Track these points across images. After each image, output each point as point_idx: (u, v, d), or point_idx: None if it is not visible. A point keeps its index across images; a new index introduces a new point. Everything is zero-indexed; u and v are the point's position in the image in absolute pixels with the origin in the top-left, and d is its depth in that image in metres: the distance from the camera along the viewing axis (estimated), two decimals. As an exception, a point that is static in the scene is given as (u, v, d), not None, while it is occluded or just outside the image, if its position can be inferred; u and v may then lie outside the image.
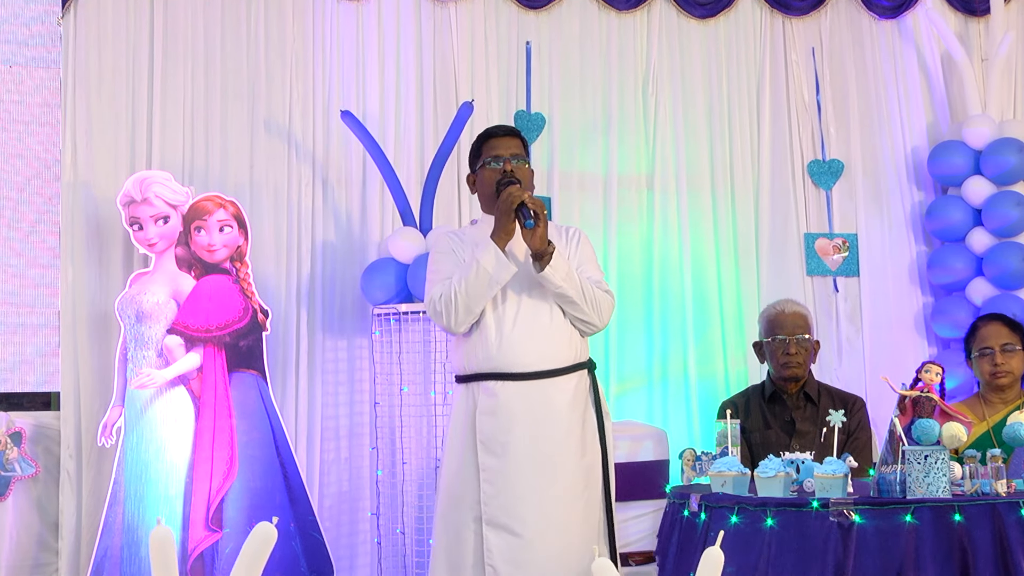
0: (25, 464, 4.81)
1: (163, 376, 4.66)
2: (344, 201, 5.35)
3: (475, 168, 3.88)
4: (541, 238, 3.62)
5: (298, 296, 5.23)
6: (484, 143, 3.86)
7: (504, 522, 3.62)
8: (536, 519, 3.61)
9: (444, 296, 3.69)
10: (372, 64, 5.43)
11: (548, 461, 3.65)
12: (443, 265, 3.81)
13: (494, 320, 3.71)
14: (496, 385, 3.69)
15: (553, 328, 3.73)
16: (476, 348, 3.73)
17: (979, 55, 5.88)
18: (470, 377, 3.76)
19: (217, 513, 4.61)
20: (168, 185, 4.78)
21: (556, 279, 3.65)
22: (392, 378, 5.01)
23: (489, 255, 3.63)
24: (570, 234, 3.89)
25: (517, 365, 3.68)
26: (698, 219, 5.71)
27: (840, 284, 5.80)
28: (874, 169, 5.88)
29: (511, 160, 3.78)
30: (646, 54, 5.74)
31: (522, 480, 3.63)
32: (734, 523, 3.42)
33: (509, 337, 3.69)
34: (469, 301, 3.65)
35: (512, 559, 3.60)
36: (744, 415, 4.57)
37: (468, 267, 3.67)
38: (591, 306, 3.73)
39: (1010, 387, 4.40)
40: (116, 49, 5.12)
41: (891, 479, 3.37)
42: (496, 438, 3.67)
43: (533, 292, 3.72)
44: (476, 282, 3.64)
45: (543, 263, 3.63)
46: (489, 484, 3.65)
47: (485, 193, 3.82)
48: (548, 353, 3.70)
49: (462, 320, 3.69)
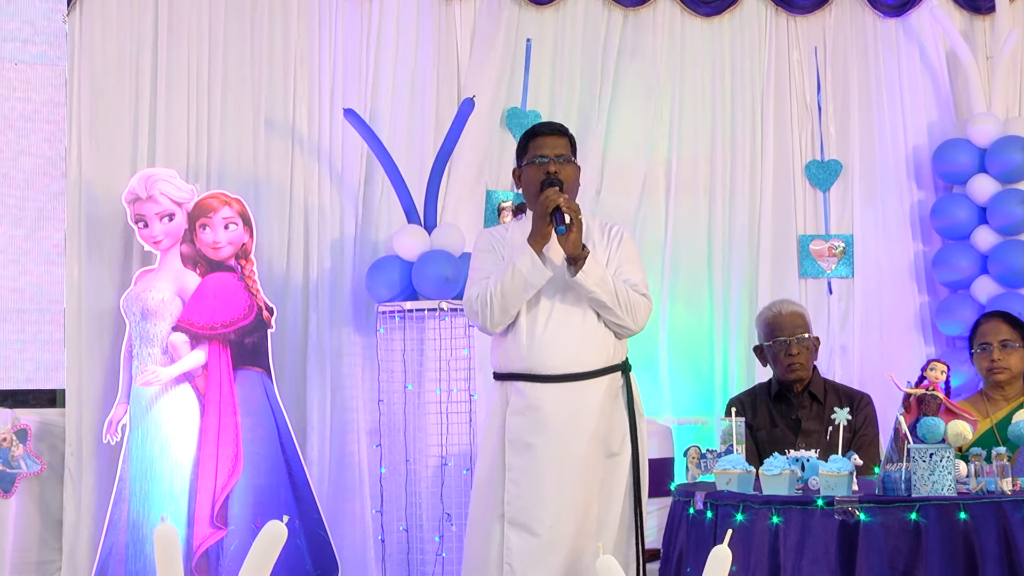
0: (31, 461, 4.82)
1: (168, 373, 4.66)
2: (349, 198, 5.36)
3: (521, 164, 3.87)
4: (574, 243, 3.64)
5: (303, 293, 5.23)
6: (531, 140, 3.85)
7: (524, 522, 3.64)
8: (556, 521, 3.63)
9: (481, 297, 3.71)
10: (376, 61, 5.43)
11: (573, 463, 3.66)
12: (482, 264, 3.83)
13: (527, 321, 3.73)
14: (527, 386, 3.71)
15: (585, 330, 3.73)
16: (510, 348, 3.75)
17: (984, 53, 5.87)
18: (505, 376, 3.79)
19: (222, 510, 4.62)
20: (173, 182, 4.78)
21: (589, 284, 3.66)
22: (396, 376, 5.02)
23: (525, 259, 3.65)
24: (612, 233, 3.89)
25: (547, 367, 3.69)
26: (697, 219, 5.71)
27: (834, 286, 5.80)
28: (873, 169, 5.86)
29: (555, 160, 3.78)
30: (650, 51, 5.74)
31: (545, 481, 3.64)
32: (739, 521, 3.42)
33: (540, 339, 3.70)
34: (505, 303, 3.67)
35: (530, 559, 3.61)
36: (751, 413, 4.57)
37: (504, 269, 3.68)
38: (625, 310, 3.73)
39: (1010, 384, 4.41)
40: (121, 46, 5.12)
41: (896, 477, 3.37)
42: (523, 438, 3.68)
43: (567, 294, 3.72)
44: (512, 285, 3.65)
45: (576, 268, 3.65)
46: (513, 483, 3.67)
47: (529, 191, 3.82)
48: (579, 355, 3.71)
49: (498, 321, 3.72)
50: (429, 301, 4.95)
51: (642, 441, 3.82)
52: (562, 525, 3.62)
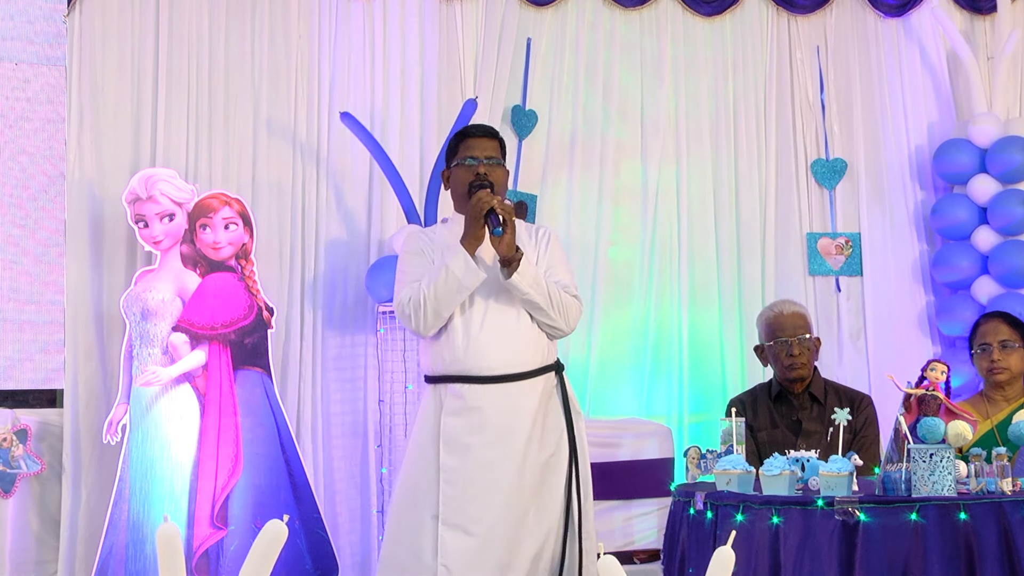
0: (31, 461, 4.82)
1: (168, 373, 4.66)
2: (349, 199, 5.36)
3: (450, 165, 3.85)
4: (508, 245, 3.60)
5: (303, 294, 5.23)
6: (461, 142, 3.83)
7: (460, 522, 3.60)
8: (492, 521, 3.59)
9: (413, 300, 3.66)
10: (377, 61, 5.43)
11: (509, 464, 3.63)
12: (412, 267, 3.78)
13: (461, 323, 3.69)
14: (463, 387, 3.67)
15: (520, 332, 3.70)
16: (443, 350, 3.70)
17: (985, 53, 5.87)
18: (438, 378, 3.74)
19: (222, 510, 4.62)
20: (173, 183, 4.78)
21: (523, 286, 3.63)
22: (396, 376, 5.02)
23: (459, 261, 3.61)
24: (540, 235, 3.86)
25: (483, 368, 3.66)
26: (700, 219, 5.71)
27: (842, 284, 5.80)
28: (877, 168, 5.88)
29: (485, 162, 3.75)
30: (652, 51, 5.74)
31: (481, 482, 3.61)
32: (739, 521, 3.41)
33: (476, 340, 3.66)
34: (438, 305, 3.63)
35: (466, 560, 3.57)
36: (751, 414, 4.56)
37: (437, 272, 3.64)
38: (558, 312, 3.71)
39: (1009, 384, 4.40)
40: (121, 46, 5.12)
41: (896, 477, 3.37)
42: (459, 439, 3.64)
43: (501, 296, 3.69)
44: (445, 287, 3.61)
45: (511, 270, 3.61)
46: (448, 484, 3.63)
47: (457, 192, 3.80)
48: (514, 357, 3.68)
49: (431, 324, 3.67)
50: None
51: (580, 439, 3.78)
52: (499, 526, 3.60)
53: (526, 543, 3.62)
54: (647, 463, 4.94)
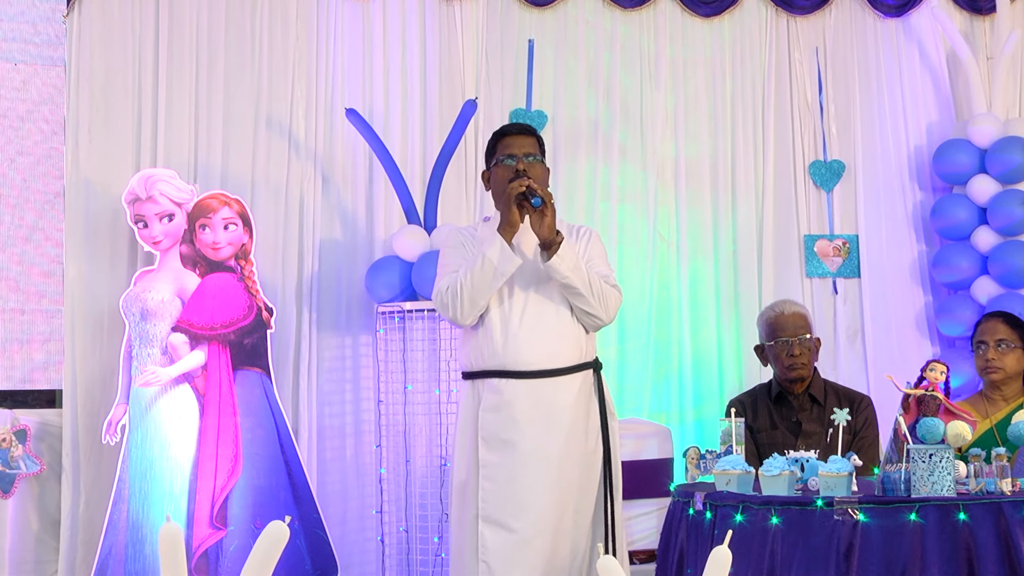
0: (30, 462, 4.82)
1: (168, 374, 4.66)
2: (349, 199, 5.36)
3: (490, 165, 3.87)
4: (549, 227, 3.63)
5: (302, 294, 5.23)
6: (499, 141, 3.86)
7: (500, 518, 3.62)
8: (532, 517, 3.61)
9: (450, 288, 3.69)
10: (376, 62, 5.43)
11: (548, 460, 3.65)
12: (452, 259, 3.82)
13: (500, 318, 3.71)
14: (501, 383, 3.69)
15: (559, 327, 3.72)
16: (482, 346, 3.73)
17: (984, 53, 5.87)
18: (476, 374, 3.77)
19: (221, 511, 4.62)
20: (173, 183, 4.78)
21: (563, 269, 3.64)
22: (396, 376, 5.02)
23: (495, 247, 3.63)
24: (580, 232, 3.89)
25: (522, 363, 3.68)
26: (699, 219, 5.71)
27: (840, 285, 5.80)
28: (875, 169, 5.87)
29: (524, 159, 3.77)
30: (651, 52, 5.74)
31: (520, 477, 3.63)
32: (739, 521, 3.42)
33: (515, 335, 3.69)
34: (474, 293, 3.65)
35: (506, 556, 3.59)
36: (751, 414, 4.57)
37: (474, 260, 3.67)
38: (598, 299, 3.72)
39: (1006, 384, 4.40)
40: (121, 47, 5.12)
41: (895, 478, 3.37)
42: (498, 435, 3.67)
43: (540, 290, 3.71)
44: (481, 274, 3.63)
45: (551, 252, 3.63)
46: (488, 480, 3.65)
47: (497, 191, 3.81)
48: (553, 352, 3.70)
49: (467, 312, 3.69)
50: (429, 302, 4.94)
51: (614, 441, 3.81)
52: (539, 522, 3.61)
53: (565, 541, 3.64)
54: (647, 463, 4.94)
